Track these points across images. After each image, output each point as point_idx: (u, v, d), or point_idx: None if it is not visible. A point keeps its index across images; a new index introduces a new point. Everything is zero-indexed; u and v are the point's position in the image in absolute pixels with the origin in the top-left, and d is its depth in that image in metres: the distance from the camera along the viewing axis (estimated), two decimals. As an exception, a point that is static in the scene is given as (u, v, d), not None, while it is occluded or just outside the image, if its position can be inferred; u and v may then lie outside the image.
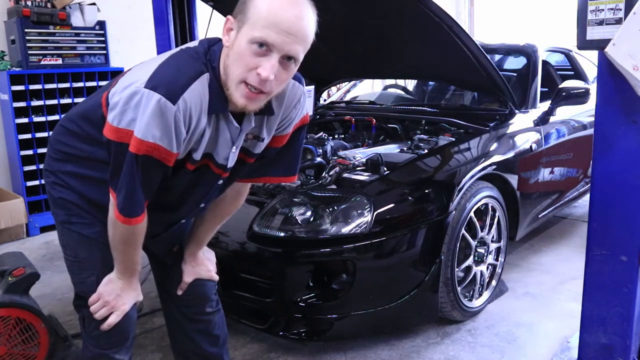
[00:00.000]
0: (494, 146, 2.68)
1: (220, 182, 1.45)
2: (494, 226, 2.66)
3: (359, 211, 2.15)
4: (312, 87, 3.36)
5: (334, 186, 2.38)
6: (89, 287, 1.47)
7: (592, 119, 1.89)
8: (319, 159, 2.58)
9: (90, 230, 1.43)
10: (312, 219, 2.18)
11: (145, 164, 1.23)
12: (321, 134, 3.07)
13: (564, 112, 3.21)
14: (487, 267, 2.66)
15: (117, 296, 1.44)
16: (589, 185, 2.50)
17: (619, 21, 1.59)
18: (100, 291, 1.44)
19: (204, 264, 1.68)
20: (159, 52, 3.58)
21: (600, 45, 1.63)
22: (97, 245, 1.43)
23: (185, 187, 1.41)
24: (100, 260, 1.45)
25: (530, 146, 2.92)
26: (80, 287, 1.51)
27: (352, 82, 4.21)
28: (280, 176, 1.57)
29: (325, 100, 4.10)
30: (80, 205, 1.45)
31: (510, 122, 2.90)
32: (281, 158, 1.52)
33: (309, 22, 1.20)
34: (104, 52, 4.35)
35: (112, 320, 1.44)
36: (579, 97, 3.01)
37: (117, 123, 1.23)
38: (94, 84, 4.24)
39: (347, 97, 4.11)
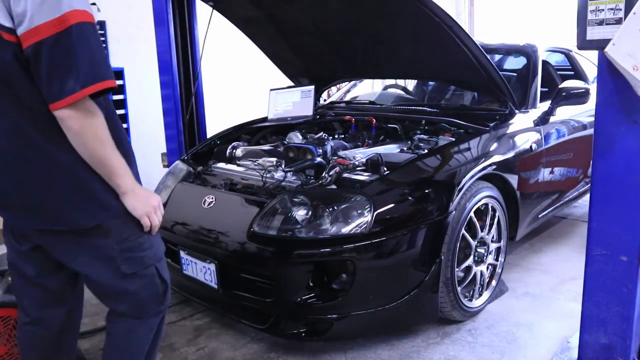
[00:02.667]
0: (494, 146, 2.68)
1: None
2: (494, 226, 2.66)
3: (359, 211, 2.15)
4: (312, 87, 3.36)
5: (334, 186, 2.38)
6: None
7: (592, 119, 1.89)
8: (319, 159, 2.58)
9: None
10: (312, 219, 2.18)
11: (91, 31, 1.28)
12: (321, 134, 3.06)
13: (564, 112, 3.22)
14: (487, 267, 2.66)
15: (145, 199, 1.44)
16: (589, 185, 2.50)
17: (619, 21, 1.59)
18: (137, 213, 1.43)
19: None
20: (159, 52, 3.58)
21: (600, 45, 1.63)
22: None
23: None
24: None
25: (530, 146, 2.92)
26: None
27: (352, 82, 4.21)
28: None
29: (325, 100, 4.10)
30: None
31: (510, 122, 2.90)
32: None
33: None
34: (104, 52, 4.35)
35: (156, 222, 1.47)
36: (579, 97, 3.02)
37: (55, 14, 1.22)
38: (94, 84, 4.23)
39: (347, 97, 4.10)
